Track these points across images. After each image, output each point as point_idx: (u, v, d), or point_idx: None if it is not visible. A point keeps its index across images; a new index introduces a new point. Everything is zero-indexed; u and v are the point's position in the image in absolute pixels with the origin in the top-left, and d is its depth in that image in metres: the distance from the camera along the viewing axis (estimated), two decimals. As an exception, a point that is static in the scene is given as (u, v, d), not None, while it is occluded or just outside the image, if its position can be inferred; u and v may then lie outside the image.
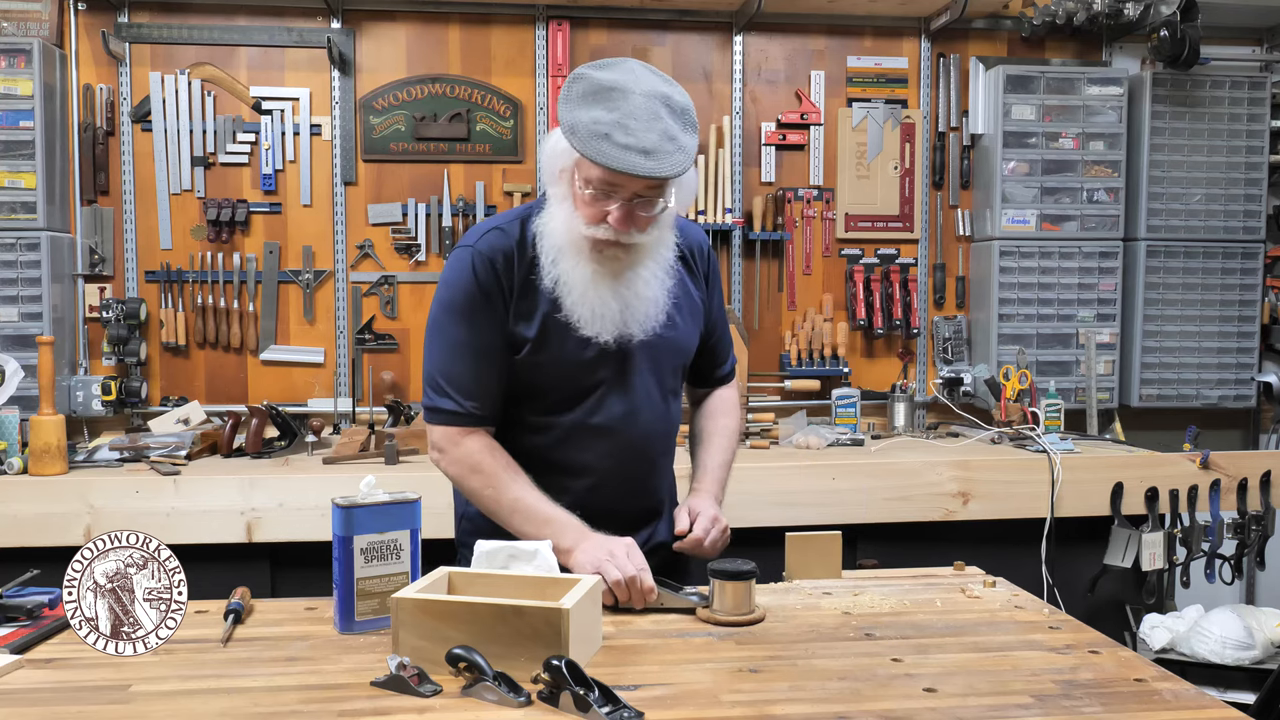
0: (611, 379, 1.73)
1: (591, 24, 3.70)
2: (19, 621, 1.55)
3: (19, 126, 3.31)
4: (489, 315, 1.69)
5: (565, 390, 1.73)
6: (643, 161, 1.53)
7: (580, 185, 1.61)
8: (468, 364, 1.70)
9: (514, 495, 1.69)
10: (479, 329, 1.69)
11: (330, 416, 3.53)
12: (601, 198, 1.60)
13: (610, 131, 1.53)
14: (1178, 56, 3.62)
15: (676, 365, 1.83)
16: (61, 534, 2.73)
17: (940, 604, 1.69)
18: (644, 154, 1.53)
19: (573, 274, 1.65)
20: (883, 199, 3.85)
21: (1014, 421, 3.41)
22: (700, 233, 1.91)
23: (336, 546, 1.53)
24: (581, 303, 1.66)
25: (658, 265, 1.71)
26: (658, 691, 1.30)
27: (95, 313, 3.50)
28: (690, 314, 1.82)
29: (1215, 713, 1.24)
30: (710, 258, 1.89)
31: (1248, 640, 2.90)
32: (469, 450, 1.71)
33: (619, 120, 1.54)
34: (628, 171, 1.53)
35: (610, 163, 1.53)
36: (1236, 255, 3.82)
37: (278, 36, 3.57)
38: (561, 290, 1.67)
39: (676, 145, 1.56)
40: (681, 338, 1.81)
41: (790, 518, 2.88)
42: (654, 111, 1.55)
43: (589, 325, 1.67)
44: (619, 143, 1.53)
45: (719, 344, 1.95)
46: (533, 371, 1.71)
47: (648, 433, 1.79)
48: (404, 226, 3.63)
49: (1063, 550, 3.10)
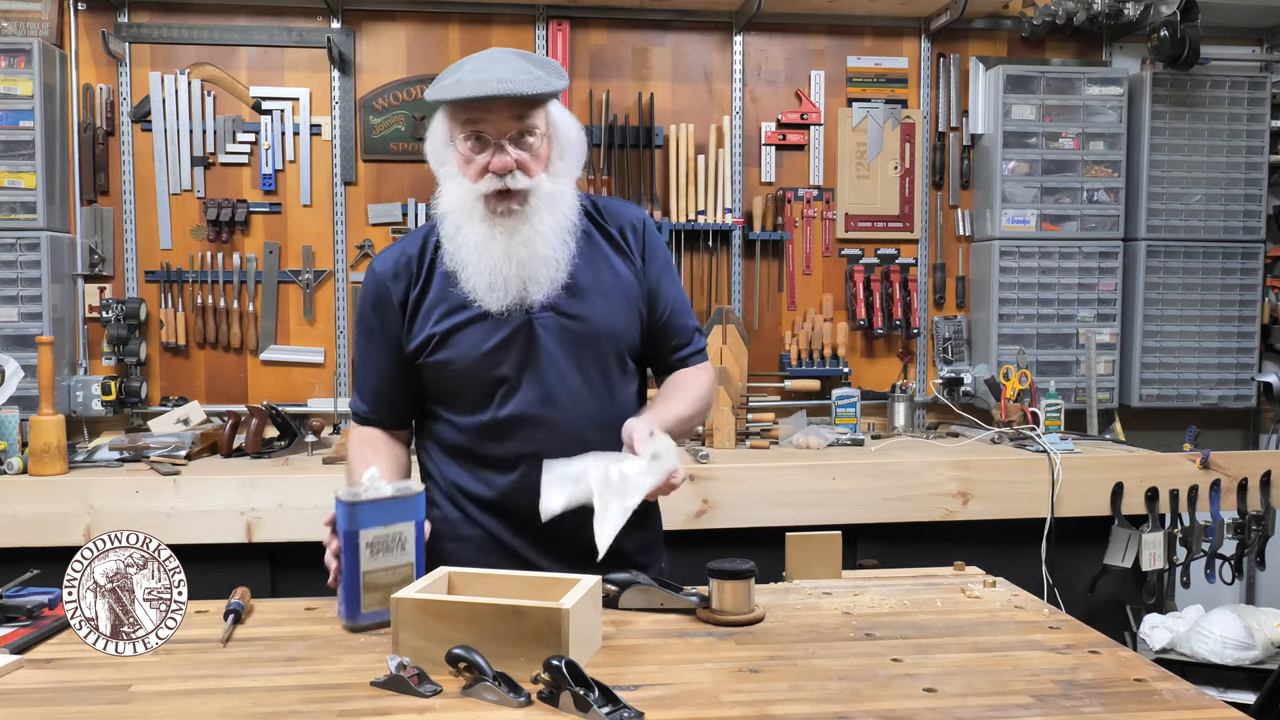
0: (518, 367, 1.71)
1: (591, 24, 3.70)
2: (19, 621, 1.55)
3: (19, 126, 3.30)
4: (381, 332, 1.77)
5: (475, 385, 1.72)
6: (495, 84, 1.57)
7: (459, 143, 1.64)
8: (363, 373, 1.83)
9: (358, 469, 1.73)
10: (373, 344, 1.79)
11: (330, 416, 3.53)
12: (477, 146, 1.63)
13: (460, 75, 1.61)
14: (1178, 56, 3.62)
15: (603, 351, 1.75)
16: (61, 534, 2.73)
17: (940, 604, 1.69)
18: (498, 80, 1.58)
19: (468, 239, 1.66)
20: (883, 199, 3.85)
21: (1014, 421, 3.41)
22: (634, 210, 1.85)
23: (342, 541, 1.52)
24: (478, 271, 1.66)
25: (556, 221, 1.68)
26: (658, 691, 1.30)
27: (95, 313, 3.50)
28: (616, 295, 1.75)
29: (1215, 713, 1.24)
30: (647, 234, 1.81)
31: (1248, 640, 2.90)
32: (351, 440, 1.85)
33: (470, 66, 1.62)
34: (483, 94, 1.57)
35: (465, 92, 1.57)
36: (1236, 255, 3.82)
37: (278, 36, 3.57)
38: (459, 265, 1.68)
39: (531, 75, 1.61)
40: (599, 319, 1.73)
41: (790, 518, 2.88)
42: (506, 57, 1.63)
43: (485, 293, 1.67)
44: (470, 78, 1.60)
45: (671, 321, 1.83)
46: (441, 372, 1.73)
47: (575, 422, 1.71)
48: (404, 226, 3.63)
49: (1063, 550, 3.10)
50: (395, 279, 1.75)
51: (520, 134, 1.63)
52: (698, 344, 1.90)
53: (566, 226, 1.69)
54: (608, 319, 1.75)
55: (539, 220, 1.66)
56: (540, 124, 1.65)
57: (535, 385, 1.72)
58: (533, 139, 1.64)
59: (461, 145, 1.64)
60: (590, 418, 1.73)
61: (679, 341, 1.87)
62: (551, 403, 1.72)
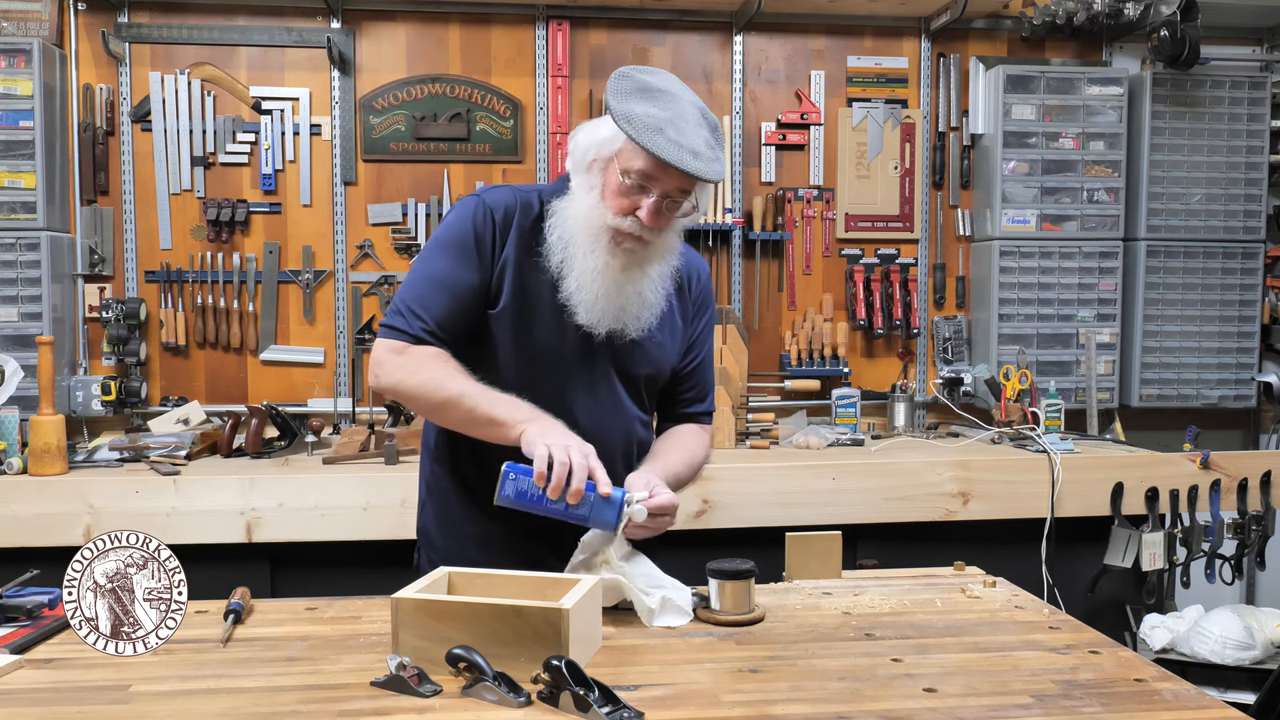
0: (575, 369, 1.73)
1: (591, 24, 3.70)
2: (19, 621, 1.55)
3: (19, 126, 3.31)
4: (473, 258, 1.70)
5: (534, 365, 1.72)
6: (691, 160, 1.58)
7: (619, 174, 1.64)
8: (438, 294, 1.69)
9: (458, 384, 1.64)
10: (458, 266, 1.70)
11: (330, 416, 3.53)
12: (636, 191, 1.63)
13: (664, 127, 1.59)
14: (1178, 56, 3.62)
15: (649, 377, 1.81)
16: (61, 534, 2.73)
17: (940, 604, 1.70)
18: (693, 154, 1.59)
19: (584, 261, 1.67)
20: (883, 199, 3.85)
21: (1014, 421, 3.41)
22: (703, 263, 1.93)
23: (582, 508, 1.55)
24: (585, 289, 1.68)
25: (662, 270, 1.74)
26: (658, 691, 1.30)
27: (95, 313, 3.50)
28: (671, 334, 1.83)
29: (1215, 713, 1.24)
30: (706, 290, 1.90)
31: (1248, 640, 2.90)
32: (417, 354, 1.67)
33: (671, 119, 1.60)
34: (678, 165, 1.57)
35: (664, 154, 1.57)
36: (1236, 255, 3.82)
37: (278, 36, 3.57)
38: (566, 272, 1.69)
39: (715, 155, 1.64)
40: (656, 350, 1.80)
41: (790, 518, 2.88)
42: (698, 119, 1.63)
43: (586, 313, 1.68)
44: (671, 138, 1.58)
45: (694, 373, 1.90)
46: (507, 334, 1.71)
47: (609, 435, 1.73)
48: (404, 226, 3.63)
49: (1063, 550, 3.10)
50: (506, 218, 1.73)
51: (678, 201, 1.66)
52: (709, 405, 1.95)
53: (668, 274, 1.76)
54: (663, 353, 1.82)
55: (650, 267, 1.71)
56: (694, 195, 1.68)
57: (586, 392, 1.74)
58: (683, 204, 1.67)
59: (619, 176, 1.64)
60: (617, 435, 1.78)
61: (693, 395, 1.92)
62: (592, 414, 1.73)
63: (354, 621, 1.60)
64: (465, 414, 1.64)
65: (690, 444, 1.87)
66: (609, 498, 1.55)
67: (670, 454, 1.82)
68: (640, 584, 1.59)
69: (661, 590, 1.60)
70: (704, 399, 1.93)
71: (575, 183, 1.71)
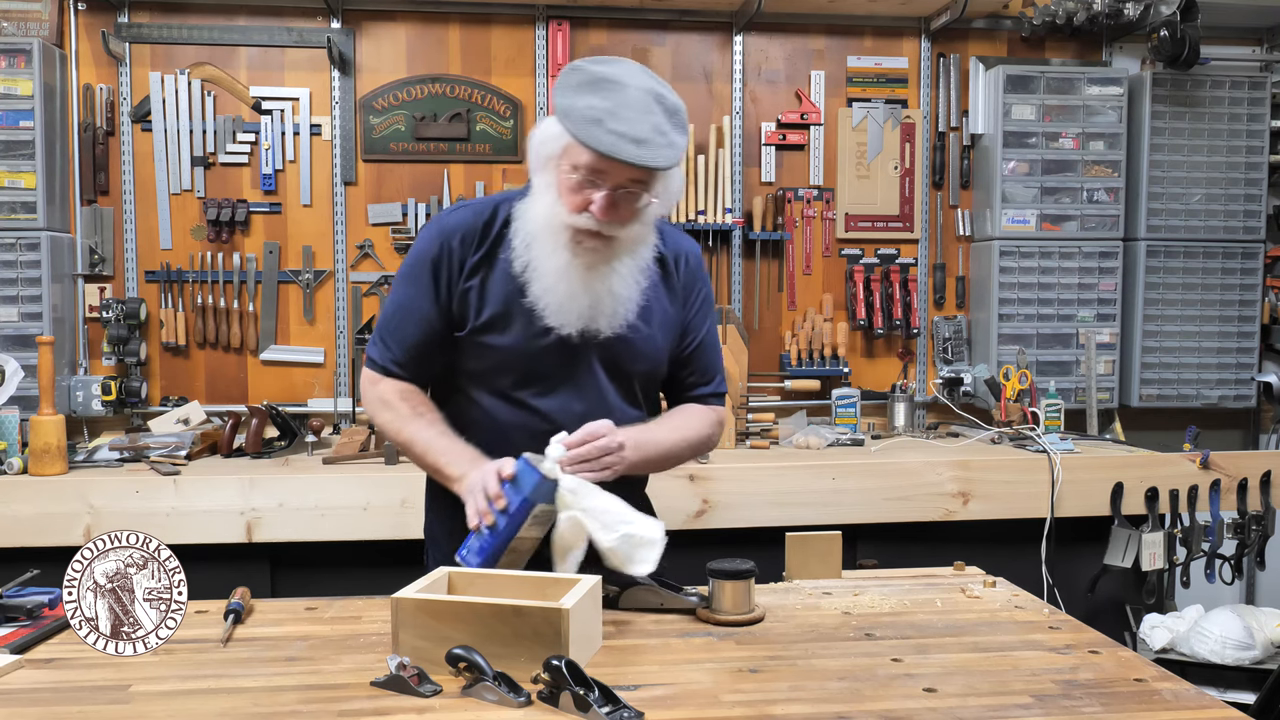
0: (562, 371, 1.72)
1: (591, 24, 3.70)
2: (19, 621, 1.55)
3: (19, 126, 3.30)
4: (431, 286, 1.73)
5: (515, 374, 1.73)
6: (633, 149, 1.54)
7: (567, 171, 1.61)
8: (400, 322, 1.76)
9: (412, 430, 1.73)
10: (419, 294, 1.74)
11: (330, 416, 3.53)
12: (587, 185, 1.60)
13: (603, 118, 1.55)
14: (1178, 56, 3.62)
15: (641, 372, 1.79)
16: (61, 534, 2.73)
17: (940, 604, 1.69)
18: (635, 142, 1.55)
19: (546, 261, 1.66)
20: (883, 199, 3.85)
21: (1014, 421, 3.41)
22: (692, 244, 1.87)
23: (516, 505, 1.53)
24: (551, 291, 1.66)
25: (634, 263, 1.70)
26: (658, 691, 1.30)
27: (95, 313, 3.50)
28: (660, 323, 1.78)
29: (1215, 713, 1.24)
30: (697, 268, 1.85)
31: (1248, 640, 2.90)
32: (383, 390, 1.77)
33: (612, 109, 1.55)
34: (617, 157, 1.54)
35: (601, 147, 1.54)
36: (1236, 255, 3.82)
37: (278, 36, 3.57)
38: (531, 276, 1.67)
39: (666, 140, 1.58)
40: (645, 344, 1.76)
41: (790, 518, 2.88)
42: (647, 105, 1.57)
43: (555, 314, 1.67)
44: (611, 129, 1.54)
45: (695, 356, 1.85)
46: (483, 350, 1.72)
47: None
48: (404, 226, 3.63)
49: (1063, 550, 3.10)
50: (464, 242, 1.73)
51: (634, 191, 1.62)
52: (717, 386, 1.90)
53: (642, 267, 1.72)
54: (652, 345, 1.78)
55: (618, 262, 1.68)
56: (652, 185, 1.64)
57: (575, 393, 1.73)
58: (640, 195, 1.63)
59: (570, 171, 1.61)
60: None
61: (695, 379, 1.88)
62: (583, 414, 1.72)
63: (354, 621, 1.60)
64: (418, 459, 1.75)
65: (687, 419, 1.84)
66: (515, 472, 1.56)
67: (661, 425, 1.80)
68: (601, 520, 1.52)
69: (627, 525, 1.52)
70: (710, 381, 1.88)
71: (535, 183, 1.70)
